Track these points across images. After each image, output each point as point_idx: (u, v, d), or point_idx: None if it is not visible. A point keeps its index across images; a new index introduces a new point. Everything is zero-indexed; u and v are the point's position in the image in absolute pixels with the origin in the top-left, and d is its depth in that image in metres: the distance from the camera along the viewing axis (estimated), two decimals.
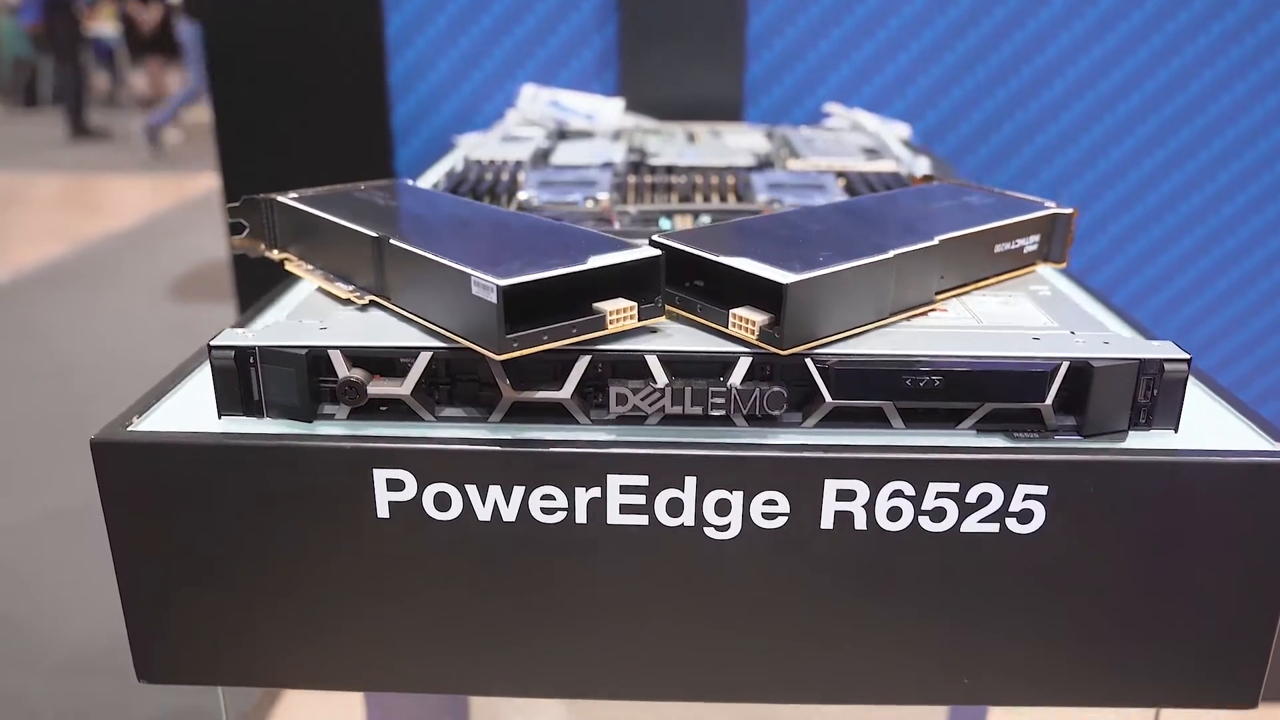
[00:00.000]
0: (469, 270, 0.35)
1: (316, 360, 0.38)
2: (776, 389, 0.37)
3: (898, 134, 0.93)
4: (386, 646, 0.40)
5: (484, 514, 0.38)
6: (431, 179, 0.82)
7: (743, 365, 0.37)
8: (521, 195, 0.65)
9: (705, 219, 0.62)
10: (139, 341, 2.39)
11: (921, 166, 0.89)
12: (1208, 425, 0.40)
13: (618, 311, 0.37)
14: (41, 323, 2.55)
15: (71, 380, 2.17)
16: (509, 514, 0.38)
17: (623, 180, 0.72)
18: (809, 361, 0.37)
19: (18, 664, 1.34)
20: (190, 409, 0.40)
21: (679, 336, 0.38)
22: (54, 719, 1.25)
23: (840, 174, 0.73)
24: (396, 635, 0.40)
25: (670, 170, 0.75)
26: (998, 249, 0.45)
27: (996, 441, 0.38)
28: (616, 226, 0.56)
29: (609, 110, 0.96)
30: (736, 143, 0.84)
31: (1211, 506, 0.37)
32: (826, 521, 0.38)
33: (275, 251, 0.49)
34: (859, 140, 0.85)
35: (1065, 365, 0.37)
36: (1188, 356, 0.37)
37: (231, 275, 1.21)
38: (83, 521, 1.62)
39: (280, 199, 0.48)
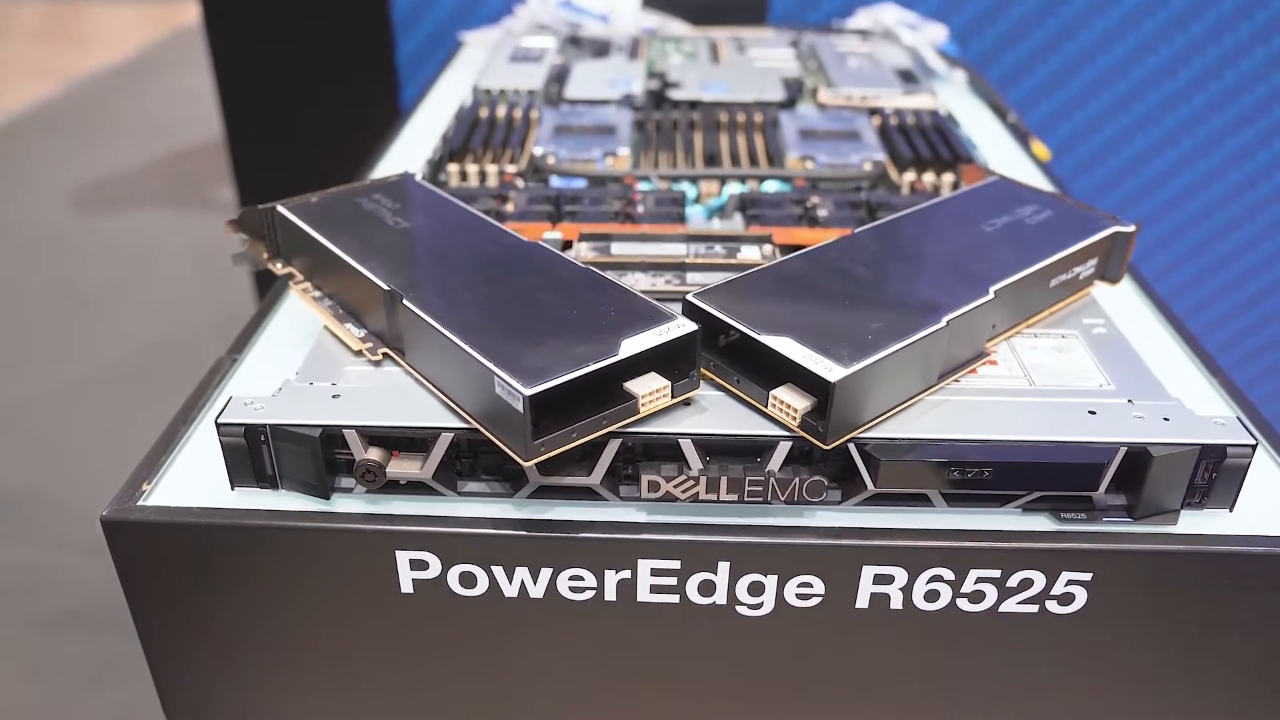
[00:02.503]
0: (493, 367, 0.33)
1: (331, 438, 0.36)
2: (816, 478, 0.35)
3: (933, 38, 0.86)
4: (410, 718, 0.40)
5: (510, 591, 0.37)
6: (440, 105, 0.77)
7: (782, 450, 0.35)
8: (536, 150, 0.61)
9: (731, 186, 0.58)
10: (136, 194, 2.33)
11: (958, 83, 0.83)
12: (1263, 498, 0.38)
13: (651, 394, 0.35)
14: (38, 171, 2.49)
15: (72, 240, 2.13)
16: (536, 592, 0.37)
17: (645, 118, 0.67)
18: (852, 448, 0.35)
19: (50, 542, 1.37)
20: (201, 468, 0.39)
21: (714, 413, 0.36)
22: (86, 597, 1.29)
23: (874, 112, 0.68)
24: (420, 708, 0.40)
25: (694, 106, 0.70)
26: (1054, 282, 0.42)
27: (1042, 525, 0.36)
28: (640, 211, 0.52)
29: (625, 8, 0.89)
30: (763, 61, 0.78)
31: (1264, 596, 0.36)
32: (862, 602, 0.37)
33: (279, 264, 0.46)
34: (893, 58, 0.79)
35: (1122, 452, 0.35)
36: (1253, 442, 0.35)
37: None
38: (100, 390, 1.64)
39: (283, 212, 0.44)
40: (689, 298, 0.38)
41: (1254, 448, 0.35)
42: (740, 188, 0.58)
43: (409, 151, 0.70)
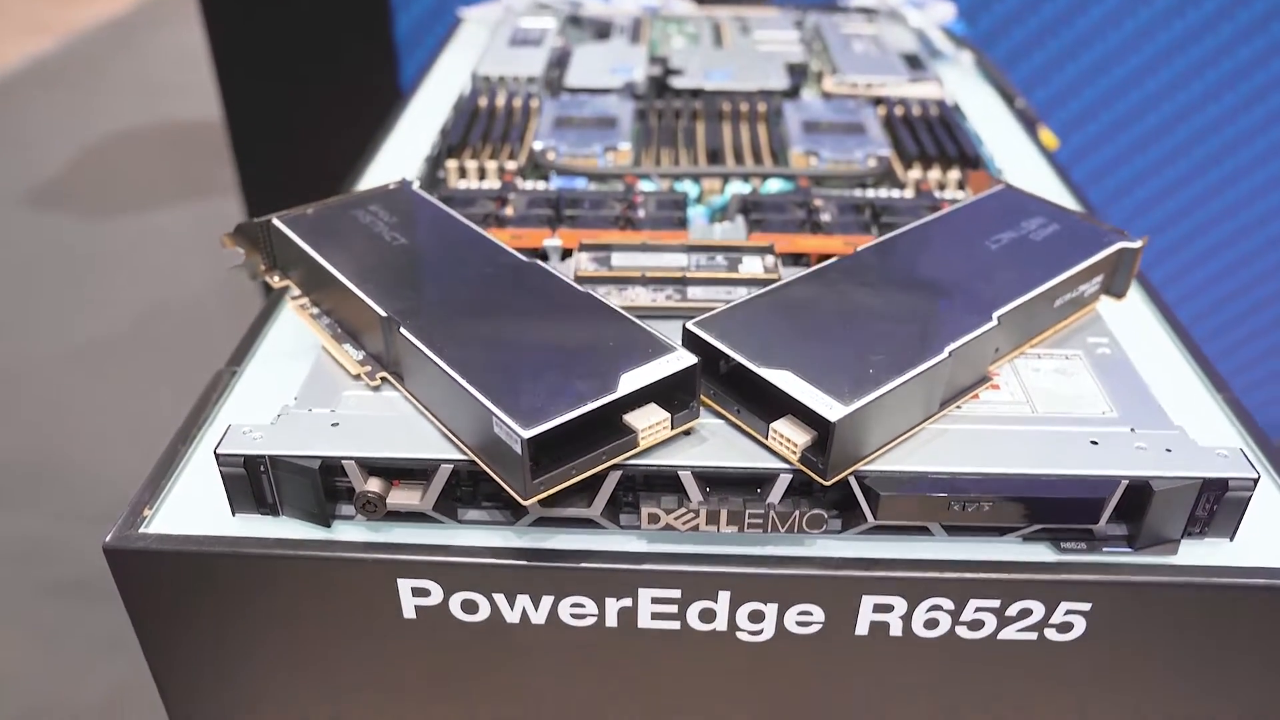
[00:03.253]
0: (492, 407, 0.32)
1: (331, 469, 0.36)
2: (817, 511, 0.35)
3: (940, 16, 0.84)
4: None
5: (512, 617, 0.37)
6: (439, 88, 0.76)
7: (782, 483, 0.35)
8: (536, 145, 0.60)
9: (734, 184, 0.57)
10: (134, 154, 2.31)
11: (965, 65, 0.82)
12: (1264, 526, 0.38)
13: (651, 427, 0.35)
14: (35, 129, 2.46)
15: (70, 198, 2.12)
16: (537, 618, 0.37)
17: (646, 107, 0.66)
18: (853, 481, 0.35)
19: (61, 511, 1.38)
20: (202, 492, 0.39)
21: (714, 444, 0.36)
22: (95, 566, 1.30)
23: (880, 101, 0.67)
24: None
25: (696, 95, 0.69)
26: (1059, 302, 0.41)
27: (1042, 555, 0.36)
28: (641, 215, 0.51)
29: None
30: (767, 44, 0.77)
31: (1263, 627, 0.36)
32: (861, 630, 0.37)
33: (276, 276, 0.45)
34: (899, 41, 0.77)
35: (1123, 485, 0.35)
36: (1255, 476, 0.35)
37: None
38: (103, 355, 1.64)
39: (279, 225, 0.44)
40: (688, 326, 0.37)
41: (1256, 481, 0.35)
42: (743, 186, 0.57)
43: (408, 140, 0.69)
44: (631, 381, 0.34)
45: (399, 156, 0.67)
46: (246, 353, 0.46)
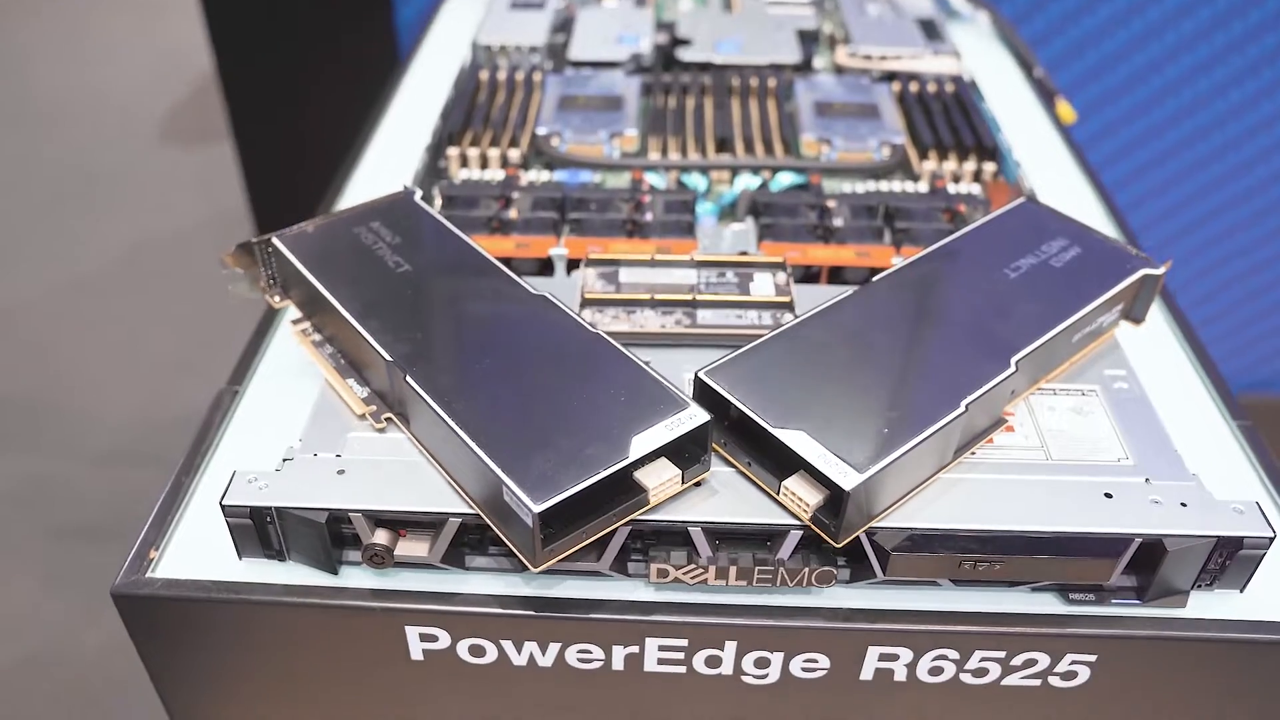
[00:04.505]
0: (501, 475, 0.32)
1: (338, 519, 0.36)
2: (826, 568, 0.35)
3: None
4: None
5: (519, 661, 0.37)
6: (438, 55, 0.74)
7: (792, 539, 0.35)
8: (540, 130, 0.58)
9: (744, 178, 0.56)
10: (128, 81, 2.25)
11: (982, 26, 0.79)
12: (1276, 576, 0.38)
13: (662, 484, 0.34)
14: (25, 57, 2.39)
15: (65, 131, 2.07)
16: (544, 661, 0.37)
17: (653, 82, 0.64)
18: (863, 537, 0.35)
19: (61, 451, 1.39)
20: (208, 531, 0.38)
21: (724, 496, 0.36)
22: (100, 508, 1.32)
23: (894, 76, 0.65)
24: None
25: (705, 68, 0.66)
26: (1078, 336, 0.41)
27: (1050, 606, 0.36)
28: (649, 218, 0.50)
29: None
30: (778, 8, 0.74)
31: (1273, 681, 0.36)
32: (866, 675, 0.37)
33: (277, 297, 0.44)
34: (914, 3, 0.74)
35: (1136, 543, 0.35)
36: (1271, 535, 0.35)
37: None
38: (99, 291, 1.62)
39: (279, 245, 0.43)
40: (699, 374, 0.36)
41: (1272, 540, 0.35)
42: (753, 179, 0.56)
43: (409, 113, 0.67)
44: (643, 444, 0.33)
45: (400, 134, 0.65)
46: (247, 370, 0.46)
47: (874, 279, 0.41)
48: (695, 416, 0.34)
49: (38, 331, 1.56)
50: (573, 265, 0.48)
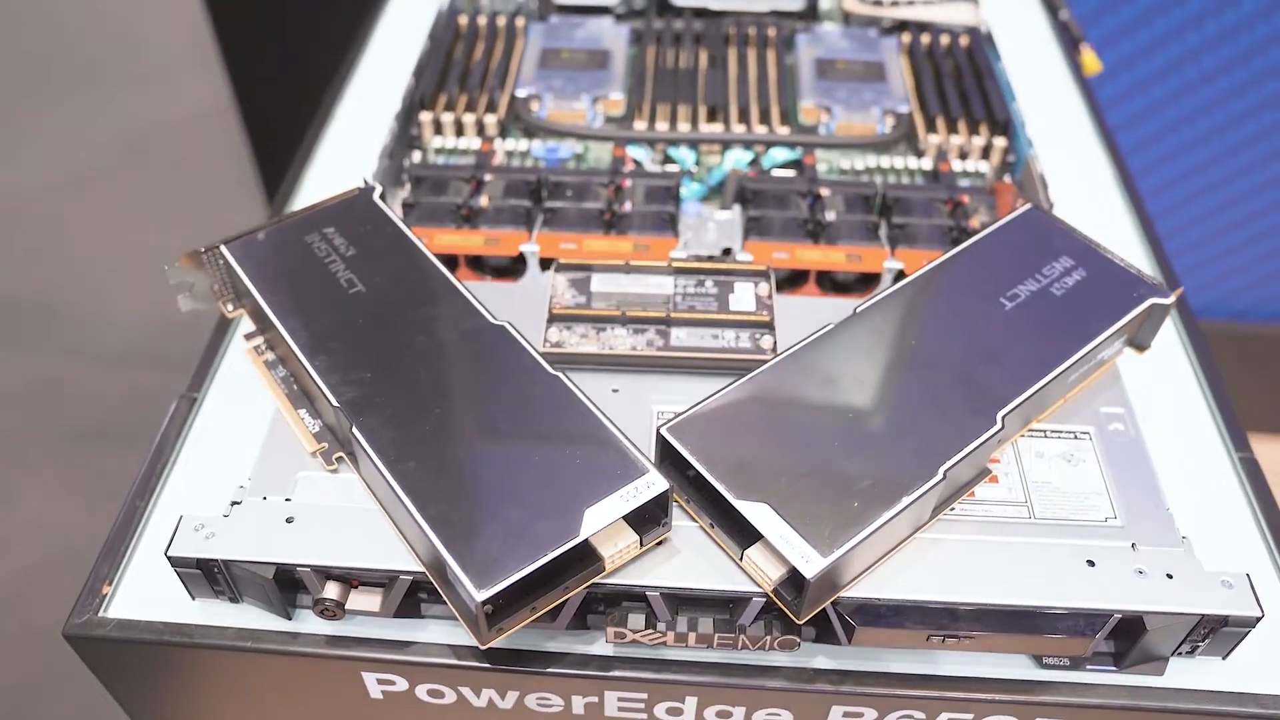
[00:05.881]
0: (446, 556, 0.30)
1: (285, 572, 0.34)
2: (789, 636, 0.34)
3: None
4: None
5: (479, 703, 0.37)
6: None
7: (755, 607, 0.34)
8: (520, 92, 0.55)
9: (734, 153, 0.52)
10: None
11: None
12: (1263, 645, 0.36)
13: (619, 551, 0.33)
14: None
15: (42, 22, 1.99)
16: (504, 705, 0.37)
17: (644, 29, 0.60)
18: (829, 608, 0.33)
19: (67, 352, 1.39)
20: (163, 563, 0.37)
21: (684, 558, 0.34)
22: (112, 410, 1.32)
23: (904, 27, 0.60)
24: None
25: (700, 15, 0.61)
26: (1075, 376, 0.38)
27: (1022, 671, 0.35)
28: (629, 208, 0.47)
29: None
30: None
31: None
32: None
33: (230, 306, 0.42)
34: None
35: (1115, 619, 0.33)
36: (1259, 615, 0.33)
37: None
38: (95, 184, 1.59)
39: (227, 255, 0.40)
40: (661, 431, 0.34)
41: (1258, 619, 0.33)
42: (744, 155, 0.52)
43: (383, 62, 0.63)
44: (597, 518, 0.32)
45: (373, 86, 0.61)
46: (205, 376, 0.44)
47: (856, 310, 0.39)
48: (653, 485, 0.32)
49: (39, 229, 1.54)
50: (545, 264, 0.45)
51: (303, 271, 0.40)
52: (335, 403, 0.35)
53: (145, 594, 0.37)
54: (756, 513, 0.32)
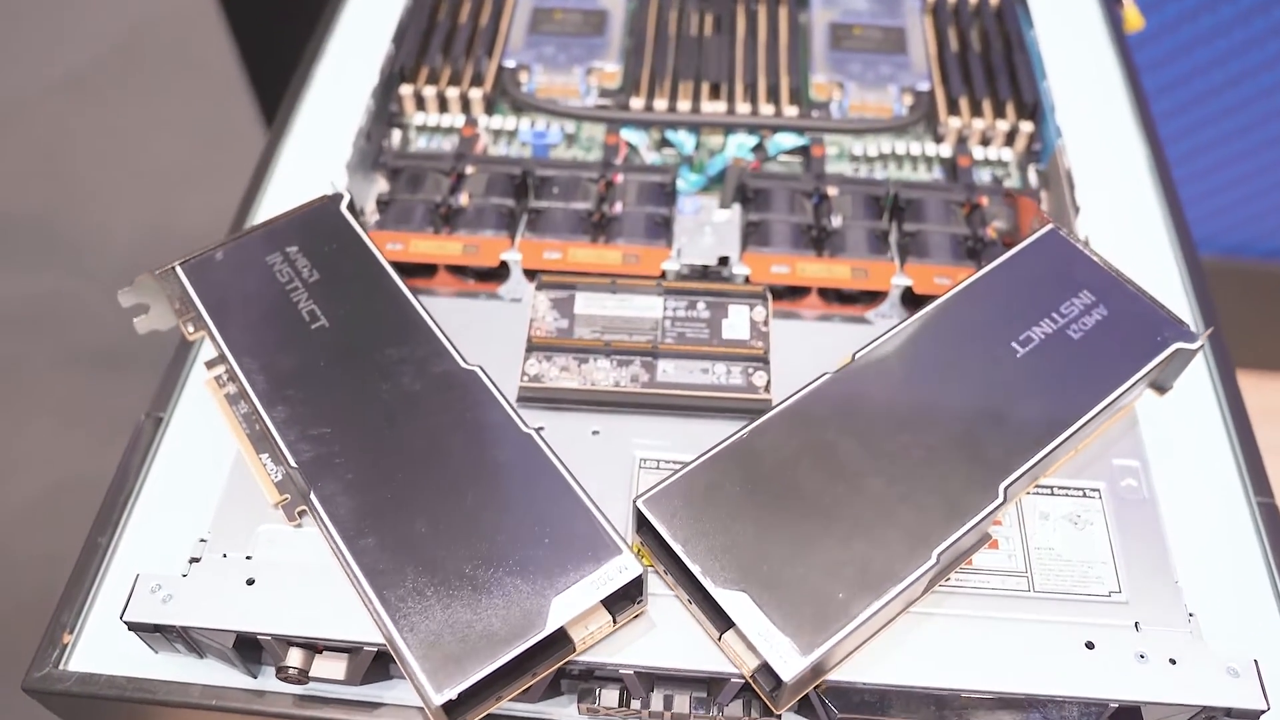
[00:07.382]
0: (406, 654, 0.29)
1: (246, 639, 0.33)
2: (768, 719, 0.32)
3: None
4: None
5: None
6: None
7: (733, 688, 0.32)
8: (508, 63, 0.51)
9: (737, 138, 0.48)
10: None
11: None
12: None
13: (591, 634, 0.31)
14: None
15: None
16: None
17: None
18: (812, 694, 0.32)
19: (68, 270, 1.37)
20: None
21: (661, 633, 0.32)
22: (117, 334, 1.31)
23: None
24: None
25: None
26: (1088, 430, 0.35)
27: None
28: (619, 210, 0.44)
29: None
30: None
31: None
32: None
33: (191, 327, 0.40)
34: None
35: (1111, 709, 0.31)
36: (1264, 708, 0.31)
37: None
38: (91, 90, 1.54)
39: (183, 278, 0.38)
40: (637, 503, 0.32)
41: (1263, 713, 0.31)
42: (748, 139, 0.48)
43: (360, 24, 0.58)
44: (565, 609, 0.30)
45: (351, 51, 0.57)
46: (170, 396, 0.42)
47: (855, 357, 0.36)
48: (626, 569, 0.31)
49: (34, 138, 1.50)
50: (529, 275, 0.42)
51: (262, 300, 0.37)
52: (293, 463, 0.33)
53: (107, 644, 0.36)
54: (734, 602, 0.30)
